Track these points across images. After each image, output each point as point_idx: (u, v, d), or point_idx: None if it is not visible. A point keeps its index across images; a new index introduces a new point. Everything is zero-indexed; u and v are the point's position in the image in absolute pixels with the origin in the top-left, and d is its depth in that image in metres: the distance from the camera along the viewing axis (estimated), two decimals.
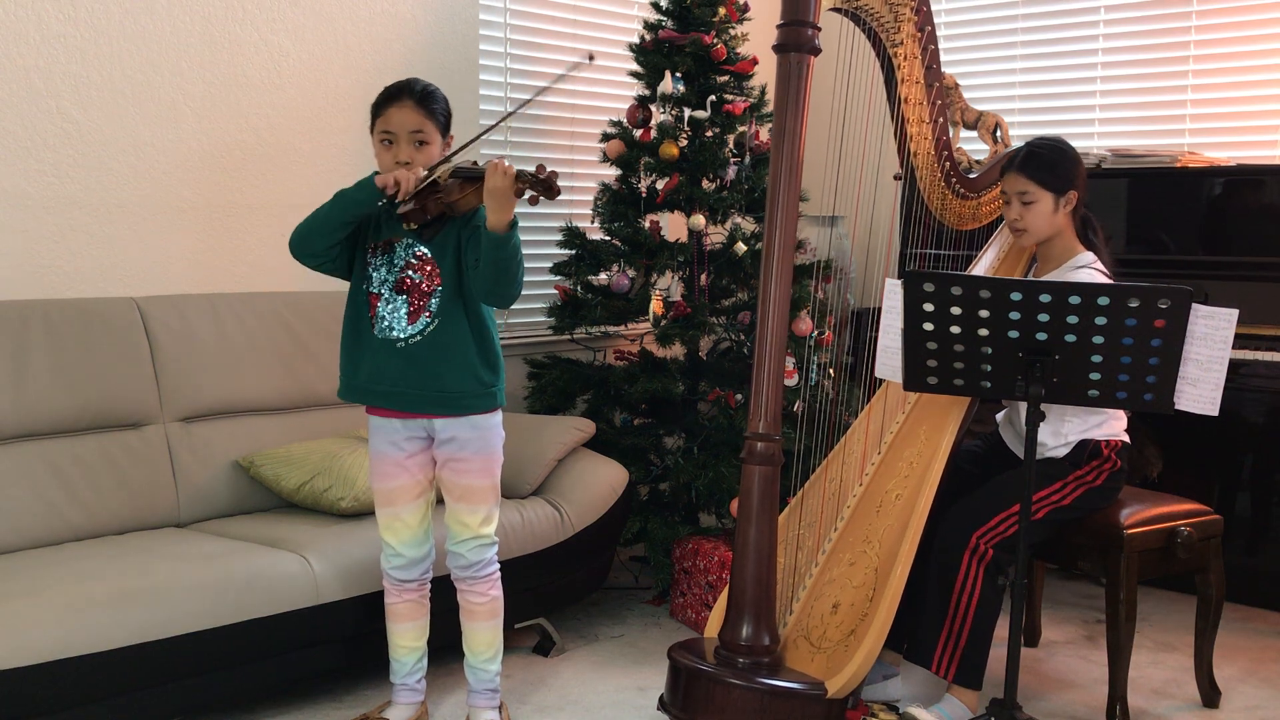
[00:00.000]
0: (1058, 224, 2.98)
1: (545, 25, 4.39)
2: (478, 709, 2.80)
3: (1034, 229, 2.98)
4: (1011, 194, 2.99)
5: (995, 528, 2.78)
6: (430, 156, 2.59)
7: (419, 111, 2.58)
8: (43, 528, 2.86)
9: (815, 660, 2.72)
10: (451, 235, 2.61)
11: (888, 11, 3.11)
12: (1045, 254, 3.06)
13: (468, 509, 2.68)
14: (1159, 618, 3.79)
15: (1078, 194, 2.97)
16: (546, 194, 2.45)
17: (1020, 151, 3.00)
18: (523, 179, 2.43)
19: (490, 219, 2.45)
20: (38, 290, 3.16)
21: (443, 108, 2.64)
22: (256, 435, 3.31)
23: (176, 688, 2.58)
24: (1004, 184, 3.02)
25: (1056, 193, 2.95)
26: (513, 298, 2.58)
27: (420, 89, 2.61)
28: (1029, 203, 2.96)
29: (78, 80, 3.22)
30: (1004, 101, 4.75)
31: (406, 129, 2.57)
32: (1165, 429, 3.66)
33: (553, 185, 2.44)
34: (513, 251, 2.49)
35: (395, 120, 2.58)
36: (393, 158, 2.58)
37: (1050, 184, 2.94)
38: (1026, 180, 2.95)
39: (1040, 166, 2.95)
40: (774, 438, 2.72)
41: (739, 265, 3.86)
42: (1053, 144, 3.01)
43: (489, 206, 2.45)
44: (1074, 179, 2.97)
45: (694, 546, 3.62)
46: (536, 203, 2.47)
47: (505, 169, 2.42)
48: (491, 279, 2.52)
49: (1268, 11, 4.17)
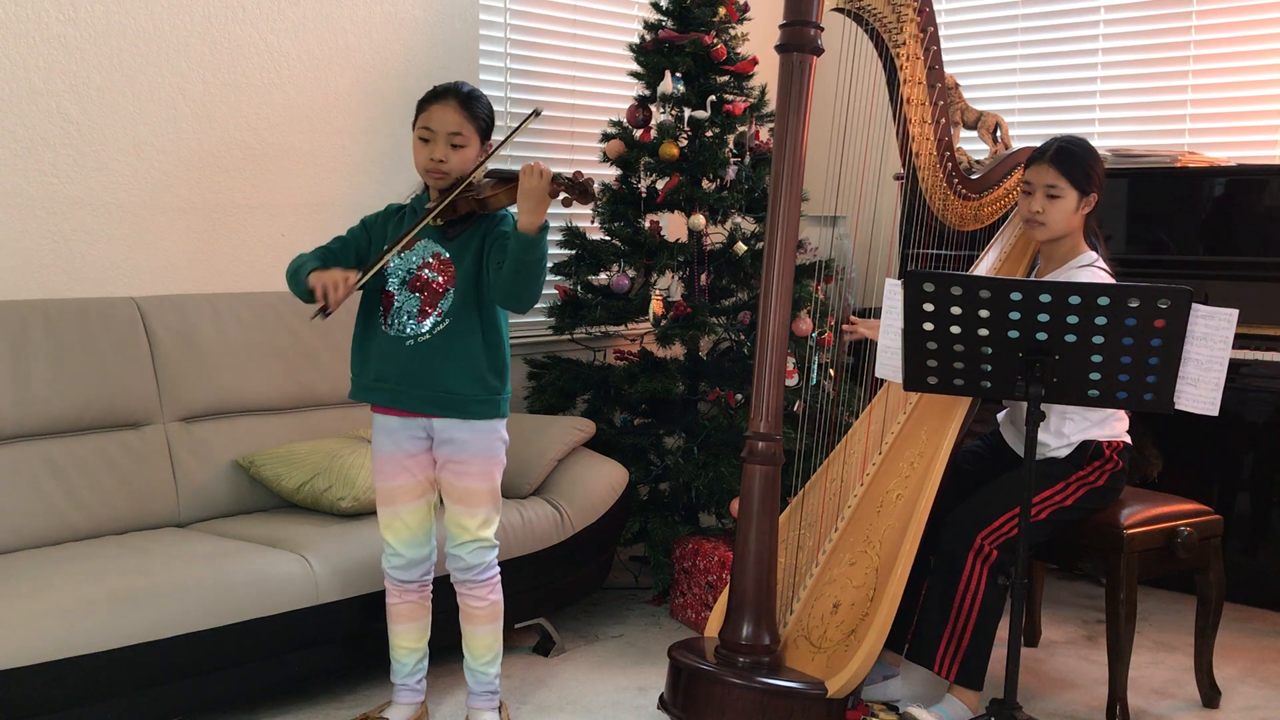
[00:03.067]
0: (1074, 224, 2.97)
1: (545, 25, 4.39)
2: (477, 710, 2.79)
3: (1052, 224, 2.96)
4: (1038, 185, 2.95)
5: (999, 528, 2.78)
6: (465, 159, 2.60)
7: (461, 113, 2.59)
8: (43, 528, 2.87)
9: (815, 660, 2.72)
10: (475, 237, 2.62)
11: (890, 11, 3.11)
12: (1050, 252, 3.05)
13: (466, 511, 2.68)
14: (1159, 618, 3.79)
15: (1097, 198, 2.97)
16: (582, 198, 2.48)
17: (1052, 145, 2.97)
18: (558, 181, 2.46)
19: (522, 220, 2.47)
20: (38, 290, 3.16)
21: (486, 113, 2.65)
22: (256, 435, 3.31)
23: (176, 688, 2.58)
24: (1030, 174, 2.98)
25: (1082, 192, 2.93)
26: (531, 302, 2.58)
27: (466, 91, 2.63)
28: (1054, 197, 2.93)
29: (78, 80, 3.22)
30: (1004, 101, 4.75)
31: (446, 129, 2.58)
32: (1165, 429, 3.66)
33: (589, 189, 2.48)
34: (540, 255, 2.50)
35: (436, 118, 2.59)
36: (428, 155, 2.60)
37: (1079, 182, 2.93)
38: (1058, 174, 2.93)
39: (1073, 163, 2.93)
40: (775, 437, 2.72)
41: (739, 265, 3.85)
42: (1084, 144, 3.00)
43: (522, 208, 2.47)
44: (1097, 182, 2.96)
45: (694, 546, 3.62)
46: (570, 204, 2.50)
47: (541, 171, 2.45)
48: (513, 282, 2.52)
49: (1268, 11, 4.17)
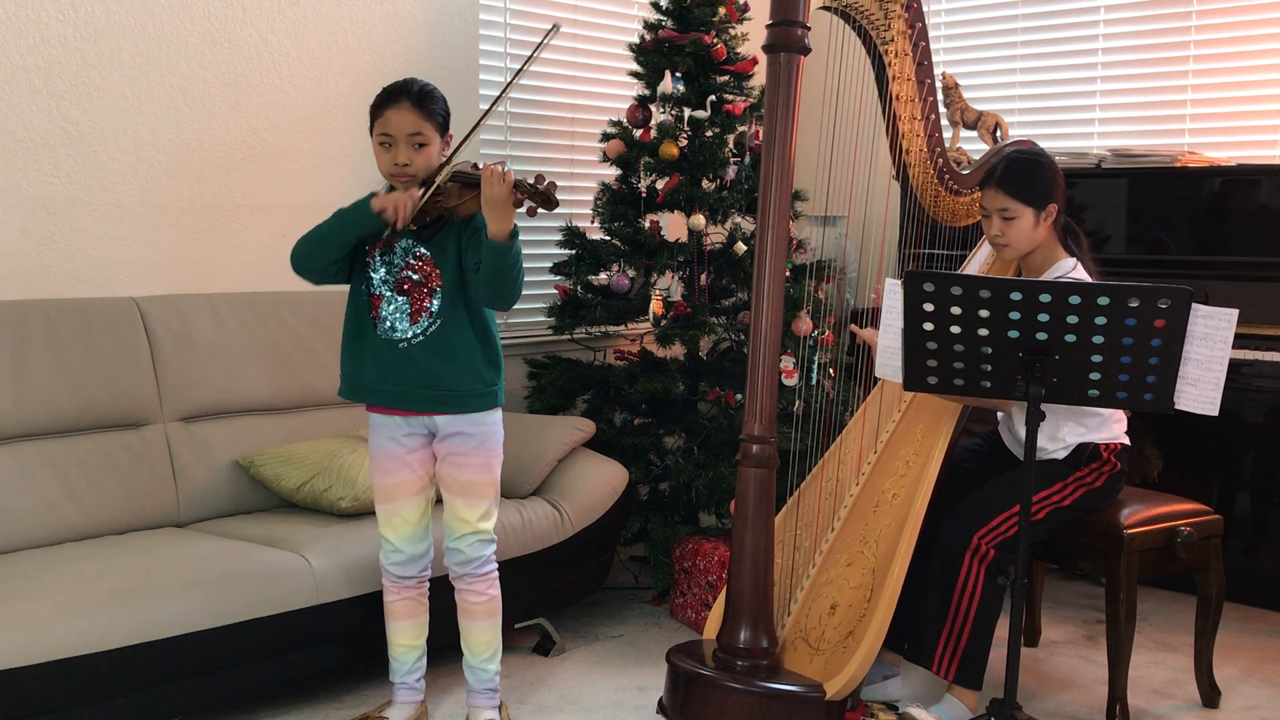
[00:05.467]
0: (1038, 237, 2.92)
1: (545, 25, 4.37)
2: (477, 708, 2.80)
3: (1015, 244, 2.92)
4: (991, 210, 2.92)
5: (997, 528, 2.78)
6: (429, 158, 2.56)
7: (416, 113, 2.54)
8: (43, 528, 2.87)
9: (814, 662, 2.72)
10: (452, 236, 2.60)
11: (877, 9, 3.11)
12: (1027, 265, 3.01)
13: (466, 504, 2.68)
14: (1159, 618, 3.79)
15: (1057, 205, 2.92)
16: (545, 205, 2.42)
17: (998, 167, 2.93)
18: (521, 189, 2.41)
19: (490, 228, 2.44)
20: (38, 290, 3.17)
21: (441, 107, 2.61)
22: (256, 435, 3.31)
23: (176, 688, 2.58)
24: (984, 199, 2.95)
25: (1037, 208, 2.88)
26: (512, 302, 2.57)
27: (418, 90, 2.57)
28: (1009, 218, 2.89)
29: (78, 80, 3.22)
30: (1004, 101, 4.75)
31: (404, 131, 2.54)
32: (1165, 429, 3.66)
33: (551, 197, 2.41)
34: (513, 260, 2.47)
35: (393, 123, 2.54)
36: (391, 160, 2.55)
37: (1030, 199, 2.88)
38: (1006, 197, 2.88)
39: (1020, 182, 2.88)
40: (769, 440, 2.72)
41: (739, 265, 3.85)
42: (1030, 157, 2.94)
43: (488, 217, 2.43)
44: (1053, 191, 2.90)
45: (694, 546, 3.62)
46: (535, 214, 2.44)
47: (503, 176, 2.40)
48: (491, 285, 2.51)
49: (1268, 11, 4.16)
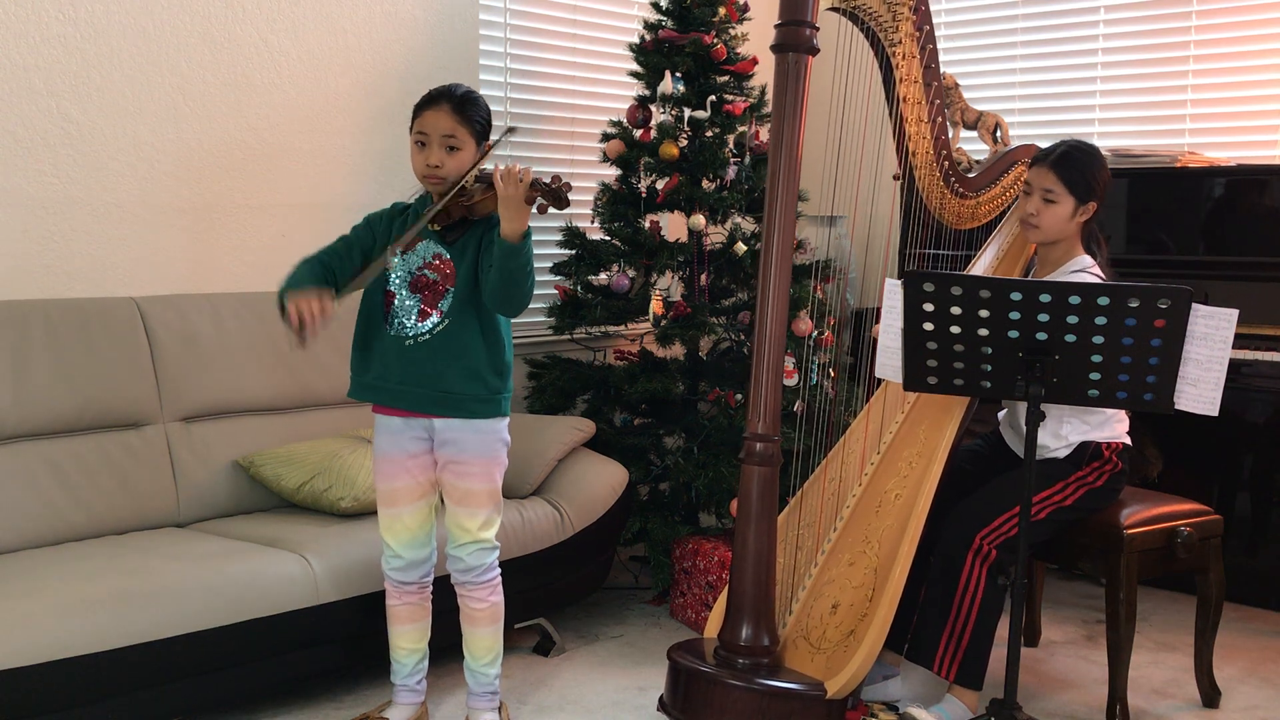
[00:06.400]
0: (1069, 230, 2.94)
1: (545, 25, 4.38)
2: (477, 710, 2.79)
3: (1046, 228, 2.94)
4: (1036, 187, 2.93)
5: (998, 528, 2.78)
6: (461, 162, 2.59)
7: (454, 117, 2.58)
8: (43, 528, 2.87)
9: (815, 661, 2.72)
10: (473, 238, 2.62)
11: (886, 11, 3.11)
12: (1045, 256, 3.03)
13: (466, 513, 2.68)
14: (1159, 618, 3.79)
15: (1096, 205, 2.94)
16: (556, 204, 2.45)
17: (1058, 148, 2.95)
18: (535, 187, 2.44)
19: (504, 227, 2.45)
20: (38, 290, 3.16)
21: (480, 114, 2.64)
22: (256, 435, 3.31)
23: (176, 688, 2.58)
24: (1031, 175, 2.96)
25: (1079, 199, 2.91)
26: (521, 307, 2.58)
27: (460, 95, 2.62)
28: (1050, 201, 2.91)
29: (78, 80, 3.22)
30: (1004, 101, 4.75)
31: (439, 132, 2.58)
32: (1165, 429, 3.66)
33: (562, 196, 2.44)
34: (524, 262, 2.49)
35: (430, 123, 2.59)
36: (424, 160, 2.59)
37: (1077, 189, 2.90)
38: (1056, 178, 2.90)
39: (1074, 169, 2.90)
40: (772, 438, 2.72)
41: (739, 265, 3.85)
42: (1090, 151, 2.96)
43: (503, 215, 2.45)
44: (1099, 189, 2.93)
45: (694, 546, 3.61)
46: (545, 211, 2.47)
47: (519, 176, 2.43)
48: (500, 287, 2.52)
49: (1268, 11, 4.16)
